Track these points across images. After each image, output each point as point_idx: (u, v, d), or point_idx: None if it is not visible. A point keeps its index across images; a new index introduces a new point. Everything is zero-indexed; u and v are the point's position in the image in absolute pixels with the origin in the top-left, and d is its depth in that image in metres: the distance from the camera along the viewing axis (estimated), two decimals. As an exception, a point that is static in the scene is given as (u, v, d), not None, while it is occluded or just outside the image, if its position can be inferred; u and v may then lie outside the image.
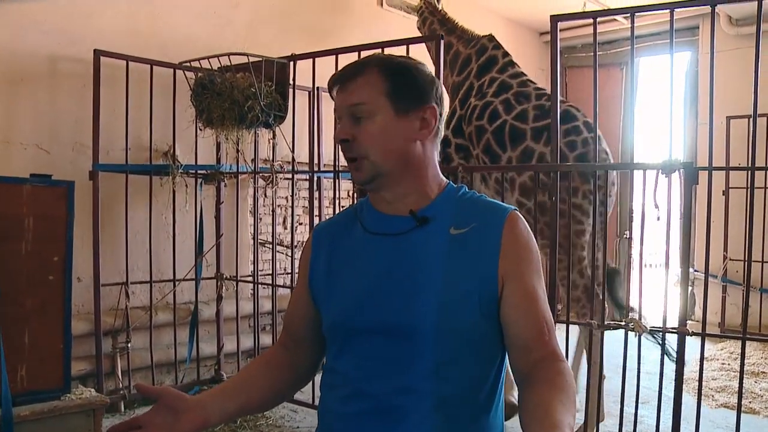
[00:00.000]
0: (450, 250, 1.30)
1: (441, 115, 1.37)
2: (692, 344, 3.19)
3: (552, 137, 3.48)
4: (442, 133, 1.40)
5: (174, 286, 4.52)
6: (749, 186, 2.92)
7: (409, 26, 6.04)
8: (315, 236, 1.47)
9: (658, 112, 7.53)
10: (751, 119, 2.94)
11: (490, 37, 4.59)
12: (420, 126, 1.33)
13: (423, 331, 1.26)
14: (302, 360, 1.50)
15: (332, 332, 1.37)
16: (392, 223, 1.34)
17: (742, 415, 3.19)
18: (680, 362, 3.10)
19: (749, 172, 2.90)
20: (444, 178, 1.42)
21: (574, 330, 3.78)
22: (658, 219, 3.16)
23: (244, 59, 3.95)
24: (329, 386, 1.37)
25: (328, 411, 1.36)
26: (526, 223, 1.35)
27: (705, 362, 5.58)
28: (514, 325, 1.28)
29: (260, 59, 4.01)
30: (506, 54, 4.50)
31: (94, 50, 4.04)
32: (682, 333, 3.06)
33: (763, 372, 5.30)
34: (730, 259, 6.26)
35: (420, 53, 3.78)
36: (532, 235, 1.35)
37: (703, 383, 5.02)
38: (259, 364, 1.49)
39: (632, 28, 3.23)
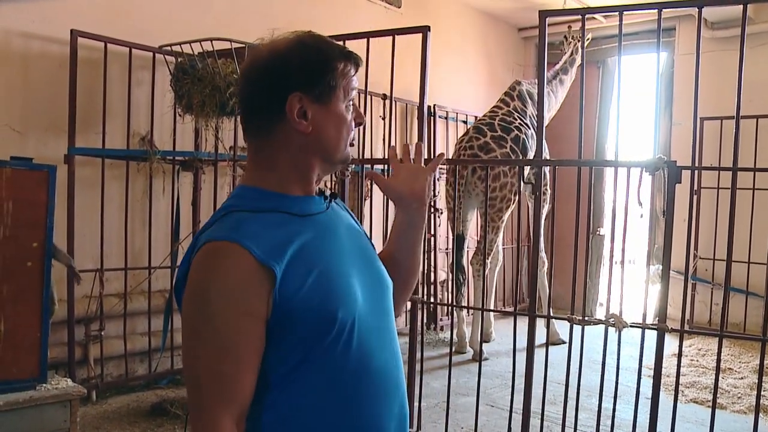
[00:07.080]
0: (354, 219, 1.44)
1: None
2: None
3: (537, 134, 3.50)
4: None
5: (149, 273, 4.44)
6: (733, 186, 2.97)
7: (390, 18, 6.02)
8: (259, 251, 1.12)
9: (633, 111, 7.60)
10: (734, 120, 2.97)
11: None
12: None
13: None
14: None
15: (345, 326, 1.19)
16: (315, 203, 1.29)
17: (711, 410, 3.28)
18: (659, 358, 3.14)
19: (733, 172, 2.95)
20: None
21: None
22: (642, 216, 3.19)
23: (225, 45, 3.87)
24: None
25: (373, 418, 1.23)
26: None
27: (674, 358, 5.68)
28: None
29: (244, 45, 3.93)
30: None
31: (71, 30, 3.93)
32: (661, 329, 3.10)
33: (730, 368, 5.40)
34: (701, 258, 6.37)
35: (407, 44, 3.76)
36: None
37: (673, 379, 5.11)
38: None
39: (620, 26, 3.24)
